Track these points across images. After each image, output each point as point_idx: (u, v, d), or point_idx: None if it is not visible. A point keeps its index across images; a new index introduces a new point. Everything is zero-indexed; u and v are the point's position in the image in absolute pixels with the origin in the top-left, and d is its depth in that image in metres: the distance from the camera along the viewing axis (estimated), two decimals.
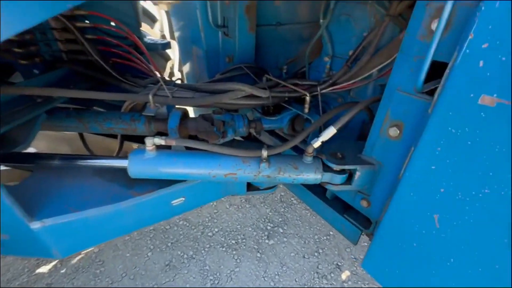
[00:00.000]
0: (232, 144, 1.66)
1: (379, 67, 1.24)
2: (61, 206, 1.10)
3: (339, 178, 1.14)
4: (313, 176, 1.13)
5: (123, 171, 1.14)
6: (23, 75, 1.82)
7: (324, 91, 1.36)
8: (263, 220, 2.71)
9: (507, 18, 0.60)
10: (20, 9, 0.68)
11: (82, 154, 1.23)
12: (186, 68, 2.28)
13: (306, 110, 1.36)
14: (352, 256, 2.44)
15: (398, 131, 0.94)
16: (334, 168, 1.11)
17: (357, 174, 1.11)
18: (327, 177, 1.14)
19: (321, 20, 1.50)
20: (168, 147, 1.24)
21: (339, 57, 1.56)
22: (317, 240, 2.52)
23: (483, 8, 0.63)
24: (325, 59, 1.63)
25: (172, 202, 1.33)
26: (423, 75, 0.79)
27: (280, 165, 1.12)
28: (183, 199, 1.35)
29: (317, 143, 1.09)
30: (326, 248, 2.45)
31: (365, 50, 1.29)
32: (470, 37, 0.66)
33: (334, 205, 1.47)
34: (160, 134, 1.41)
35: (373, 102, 1.09)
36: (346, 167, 1.10)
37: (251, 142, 1.71)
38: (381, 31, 1.17)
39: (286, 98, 1.40)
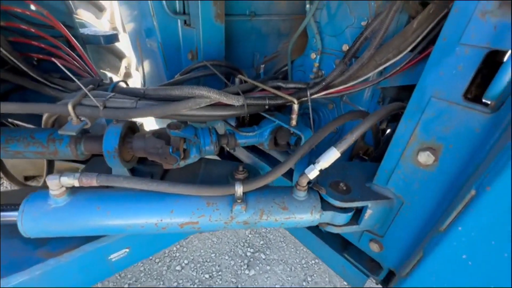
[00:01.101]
0: (199, 165, 1.29)
1: (386, 65, 0.94)
2: None
3: (343, 218, 0.82)
4: (308, 217, 0.80)
5: None
6: None
7: (315, 96, 1.04)
8: (242, 244, 2.34)
9: None
10: None
11: None
12: (146, 67, 1.85)
13: (294, 123, 1.03)
14: (345, 284, 2.16)
15: (433, 158, 0.64)
16: (338, 206, 0.79)
17: (369, 212, 0.80)
18: (327, 217, 0.82)
19: (307, 6, 1.18)
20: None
21: (330, 53, 1.26)
22: (305, 265, 2.20)
23: None
24: (312, 56, 1.32)
25: (111, 257, 0.93)
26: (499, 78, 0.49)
27: (262, 206, 0.77)
28: (127, 250, 0.96)
29: (313, 173, 0.76)
30: (315, 275, 2.14)
31: (366, 44, 1.00)
32: None
33: (331, 241, 1.16)
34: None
35: (392, 112, 0.78)
36: (355, 204, 0.78)
37: (223, 161, 1.35)
38: (389, 18, 0.87)
39: (267, 106, 1.06)
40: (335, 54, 1.24)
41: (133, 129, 1.12)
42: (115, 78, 2.24)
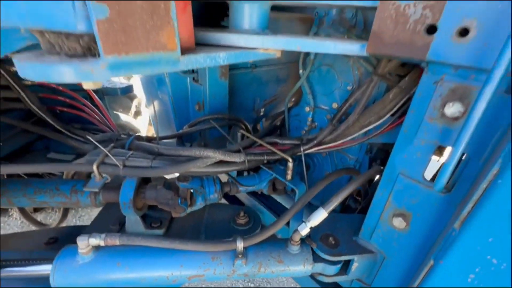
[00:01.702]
0: (203, 209, 1.41)
1: (369, 128, 1.09)
2: None
3: (332, 269, 0.92)
4: (301, 269, 0.90)
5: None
6: None
7: (308, 151, 1.18)
8: (243, 279, 2.35)
9: None
10: None
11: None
12: (157, 111, 2.03)
13: (289, 177, 1.16)
14: None
15: (405, 223, 0.76)
16: (328, 259, 0.89)
17: (355, 264, 0.90)
18: (318, 268, 0.92)
19: (300, 71, 1.36)
20: None
21: (322, 108, 1.42)
22: None
23: None
24: (306, 109, 1.48)
25: None
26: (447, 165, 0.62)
27: (260, 259, 0.88)
28: None
29: (304, 230, 0.87)
30: None
31: (351, 108, 1.15)
32: None
33: (326, 283, 1.24)
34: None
35: (375, 175, 0.91)
36: (343, 258, 0.89)
37: (225, 205, 1.46)
38: (369, 91, 1.02)
39: (265, 161, 1.19)
40: (326, 110, 1.40)
41: (145, 180, 1.25)
42: (125, 117, 2.41)
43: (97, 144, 1.10)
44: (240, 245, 0.86)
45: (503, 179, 0.51)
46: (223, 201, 1.81)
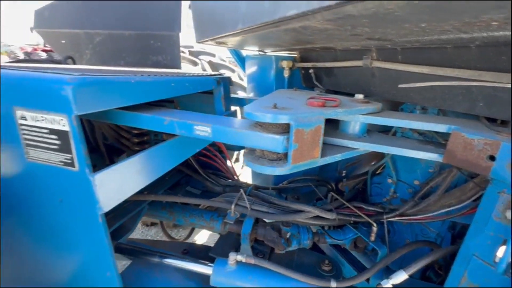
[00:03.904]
0: (294, 251, 1.75)
1: (450, 208, 1.29)
2: None
3: None
4: None
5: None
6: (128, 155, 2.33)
7: (390, 219, 1.43)
8: None
9: None
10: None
11: (174, 254, 1.46)
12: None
13: (373, 239, 1.42)
14: None
15: None
16: None
17: None
18: None
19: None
20: None
21: (404, 182, 1.66)
22: None
23: None
24: (389, 181, 1.74)
25: None
26: (505, 256, 0.83)
27: None
28: None
29: (387, 286, 1.12)
30: None
31: (433, 188, 1.38)
32: None
33: None
34: None
35: (453, 251, 1.11)
36: None
37: (311, 252, 1.77)
38: (449, 179, 1.26)
39: (352, 222, 1.49)
40: (409, 184, 1.63)
41: (257, 219, 1.71)
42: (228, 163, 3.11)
43: (238, 195, 1.64)
44: (334, 284, 1.16)
45: None
46: None
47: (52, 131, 0.89)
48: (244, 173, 3.67)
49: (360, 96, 1.23)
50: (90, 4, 2.34)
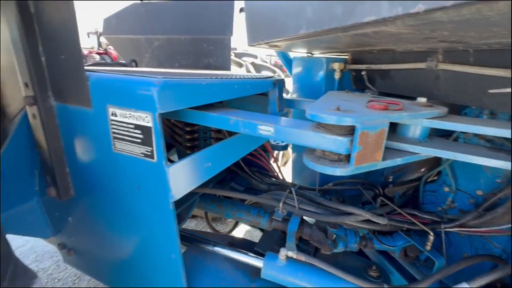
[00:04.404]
0: (339, 253, 1.74)
1: None
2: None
3: None
4: None
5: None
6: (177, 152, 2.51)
7: (449, 230, 1.36)
8: None
9: None
10: None
11: (225, 245, 1.56)
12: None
13: (429, 248, 1.36)
14: None
15: None
16: None
17: None
18: None
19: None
20: None
21: (464, 191, 1.55)
22: None
23: None
24: (446, 189, 1.64)
25: None
26: None
27: None
28: None
29: None
30: None
31: (501, 200, 1.28)
32: None
33: None
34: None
35: None
36: None
37: (357, 256, 1.74)
38: None
39: (404, 229, 1.45)
40: (469, 194, 1.52)
41: (302, 219, 1.74)
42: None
43: (284, 195, 1.69)
44: None
45: None
46: None
47: (137, 127, 1.03)
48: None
49: (423, 100, 1.19)
50: (150, 12, 2.57)
